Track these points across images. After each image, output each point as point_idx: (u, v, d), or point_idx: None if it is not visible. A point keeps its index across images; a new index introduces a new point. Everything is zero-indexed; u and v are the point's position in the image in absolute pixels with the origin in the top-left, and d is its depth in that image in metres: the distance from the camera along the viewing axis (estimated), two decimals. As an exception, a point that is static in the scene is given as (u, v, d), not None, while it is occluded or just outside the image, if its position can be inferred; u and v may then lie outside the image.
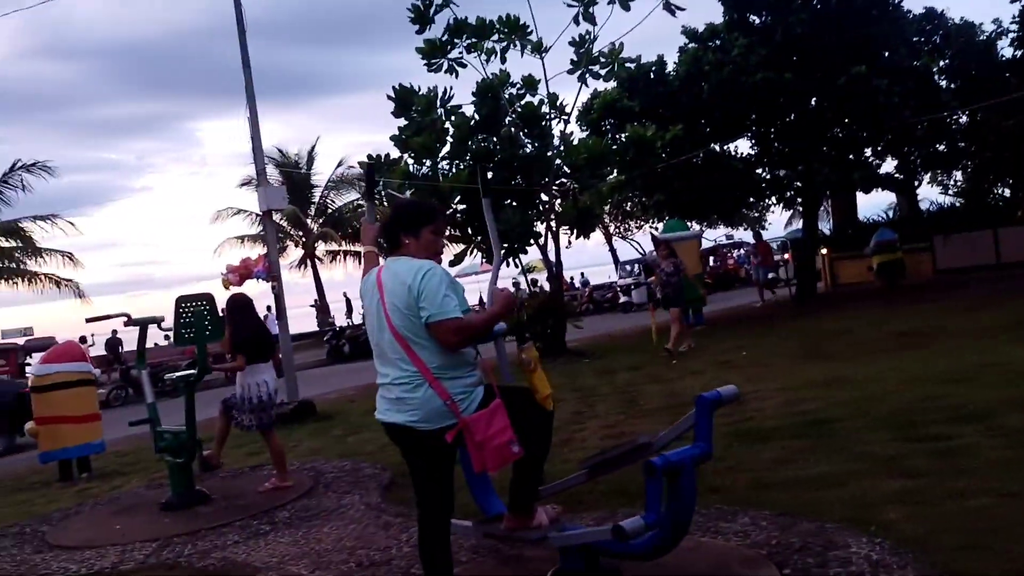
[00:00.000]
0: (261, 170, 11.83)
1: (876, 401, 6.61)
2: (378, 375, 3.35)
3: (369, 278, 3.43)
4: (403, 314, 3.21)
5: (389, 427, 3.30)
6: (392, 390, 3.25)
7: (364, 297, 3.43)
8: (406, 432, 3.24)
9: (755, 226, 31.34)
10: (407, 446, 3.32)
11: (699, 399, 3.27)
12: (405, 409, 3.21)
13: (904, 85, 17.47)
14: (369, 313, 3.36)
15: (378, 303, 3.29)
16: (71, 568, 5.09)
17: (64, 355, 8.91)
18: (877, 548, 3.55)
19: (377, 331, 3.30)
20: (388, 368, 3.27)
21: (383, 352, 3.29)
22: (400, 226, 3.40)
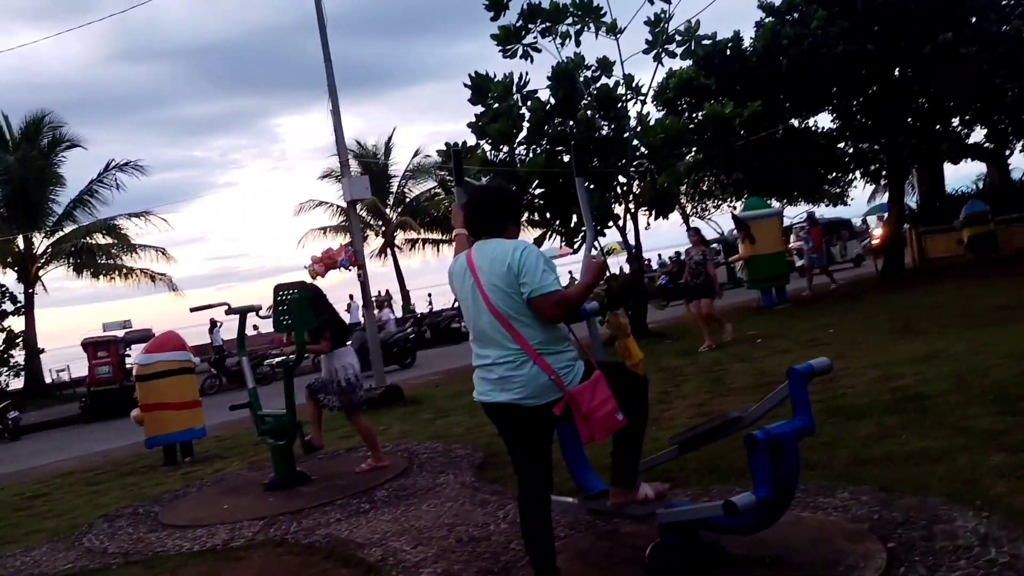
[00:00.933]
0: (345, 161, 12.09)
1: (975, 375, 6.44)
2: (476, 357, 3.42)
3: (458, 262, 3.48)
4: (504, 293, 3.26)
5: (492, 407, 3.37)
6: (495, 370, 3.31)
7: (454, 280, 3.50)
8: (511, 410, 3.30)
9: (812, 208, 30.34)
10: (510, 424, 3.39)
11: (791, 371, 3.27)
12: (511, 387, 3.27)
13: (994, 52, 16.78)
14: (463, 297, 3.43)
15: (473, 286, 3.35)
16: (185, 545, 5.34)
17: (165, 345, 9.30)
18: (984, 522, 3.50)
19: (474, 313, 3.37)
20: (489, 348, 3.34)
21: (483, 333, 3.35)
22: (508, 214, 3.49)
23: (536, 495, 3.38)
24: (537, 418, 3.29)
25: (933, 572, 3.11)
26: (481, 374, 3.41)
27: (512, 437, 3.44)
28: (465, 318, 3.47)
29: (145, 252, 26.88)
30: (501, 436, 3.55)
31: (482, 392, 3.40)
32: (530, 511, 3.38)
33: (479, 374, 3.42)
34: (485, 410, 3.45)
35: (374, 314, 12.42)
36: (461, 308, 3.52)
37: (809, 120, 19.91)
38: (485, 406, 3.41)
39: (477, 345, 3.41)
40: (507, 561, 4.04)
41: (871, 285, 18.35)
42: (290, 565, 4.59)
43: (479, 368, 3.42)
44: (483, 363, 3.38)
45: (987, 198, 21.75)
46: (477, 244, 3.45)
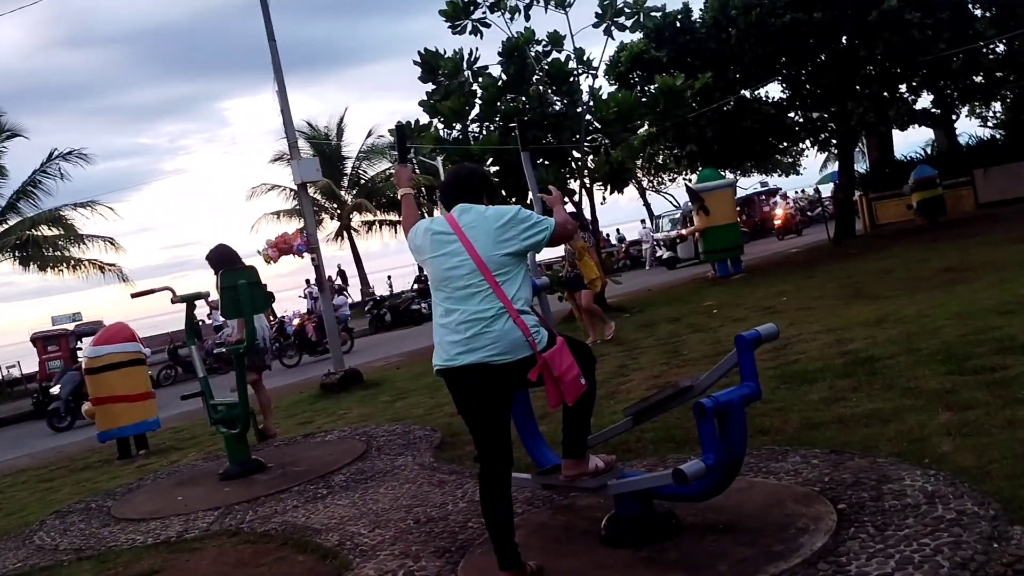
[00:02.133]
0: (293, 143, 11.89)
1: (924, 337, 6.55)
2: (443, 317, 3.36)
3: (434, 222, 3.49)
4: (496, 245, 3.35)
5: (455, 372, 3.32)
6: (466, 328, 3.28)
7: (424, 238, 3.47)
8: (477, 372, 3.28)
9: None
10: (473, 389, 3.34)
11: (739, 338, 3.28)
12: (481, 345, 3.26)
13: (937, 17, 17.01)
14: (437, 253, 3.40)
15: (454, 242, 3.37)
16: (138, 539, 5.25)
17: (115, 336, 9.11)
18: (932, 480, 3.55)
19: (451, 269, 3.35)
20: (465, 304, 3.30)
21: (460, 289, 3.33)
22: (486, 188, 3.68)
23: (498, 470, 3.37)
24: (502, 379, 3.29)
25: (882, 531, 3.15)
26: (448, 336, 3.34)
27: (473, 407, 3.39)
28: (436, 277, 3.42)
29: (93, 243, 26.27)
30: (460, 410, 3.50)
31: (447, 358, 3.33)
32: (492, 487, 3.36)
33: (445, 337, 3.35)
34: (447, 378, 3.39)
35: (331, 298, 12.28)
36: (428, 267, 3.48)
37: (759, 90, 20.04)
38: (448, 372, 3.35)
39: (449, 302, 3.36)
40: (465, 540, 4.02)
41: (824, 252, 18.60)
42: (245, 554, 4.54)
43: (445, 329, 3.35)
44: (453, 321, 3.32)
45: (935, 163, 22.13)
46: (457, 208, 3.50)
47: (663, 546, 3.40)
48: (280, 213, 35.66)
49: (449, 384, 3.42)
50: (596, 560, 3.43)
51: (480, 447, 3.44)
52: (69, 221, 26.14)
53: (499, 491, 3.35)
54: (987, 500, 3.24)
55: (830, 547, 3.10)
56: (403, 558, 3.92)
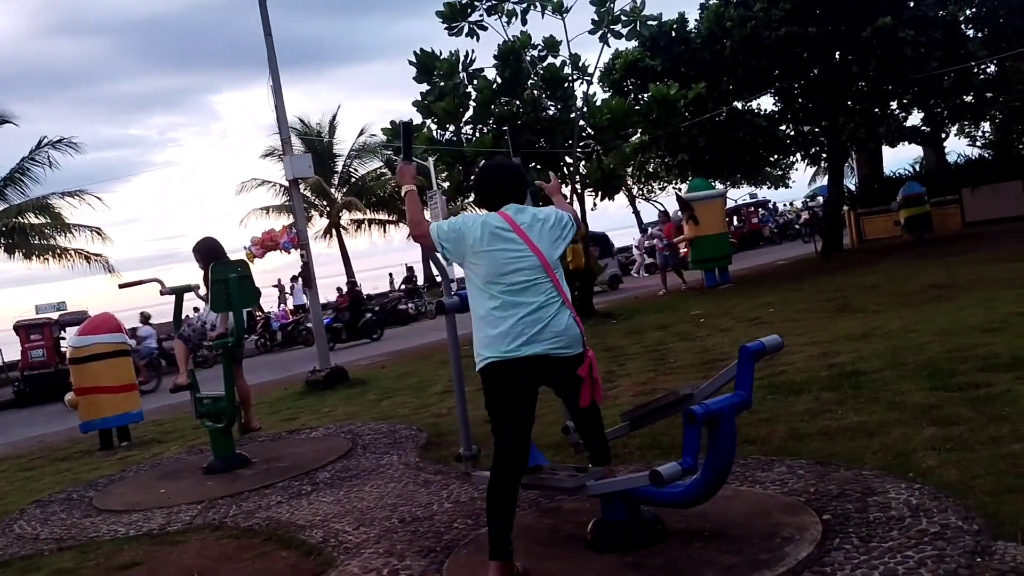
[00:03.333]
0: (286, 139, 11.86)
1: (909, 352, 6.60)
2: (503, 310, 3.37)
3: (492, 220, 3.52)
4: (551, 246, 3.53)
5: (515, 363, 3.34)
6: (532, 322, 3.34)
7: (476, 233, 3.47)
8: (537, 364, 3.35)
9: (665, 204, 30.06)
10: (528, 380, 3.40)
11: (743, 349, 3.30)
12: (546, 338, 3.34)
13: (930, 36, 17.15)
14: (496, 248, 3.44)
15: (515, 239, 3.45)
16: (119, 530, 5.22)
17: (100, 327, 9.06)
18: (916, 493, 3.58)
19: (513, 264, 3.41)
20: (528, 297, 3.38)
21: (524, 282, 3.39)
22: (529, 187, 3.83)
23: (518, 465, 3.43)
24: (558, 372, 3.42)
25: (866, 543, 3.17)
26: (505, 328, 3.35)
27: (520, 399, 3.41)
28: (492, 270, 3.43)
29: (80, 232, 26.09)
30: (503, 403, 3.42)
31: (507, 349, 3.34)
32: (509, 482, 3.38)
33: (500, 328, 3.36)
34: (501, 370, 3.36)
35: (317, 295, 12.26)
36: (483, 261, 3.45)
37: (752, 102, 20.15)
38: (505, 364, 3.35)
39: (508, 295, 3.39)
40: (450, 540, 4.02)
41: (811, 265, 18.71)
42: (228, 548, 4.52)
43: (503, 321, 3.36)
44: (514, 314, 3.35)
45: (923, 180, 22.30)
46: (511, 208, 3.58)
47: (648, 552, 3.41)
48: (269, 209, 35.54)
49: (498, 378, 3.40)
50: (581, 564, 3.44)
51: (506, 442, 3.40)
52: (56, 210, 25.96)
53: (513, 486, 3.40)
54: (971, 515, 3.27)
55: (815, 557, 3.12)
56: (388, 556, 3.91)
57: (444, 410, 7.65)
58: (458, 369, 4.15)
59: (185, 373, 6.85)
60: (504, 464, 3.40)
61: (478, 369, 3.46)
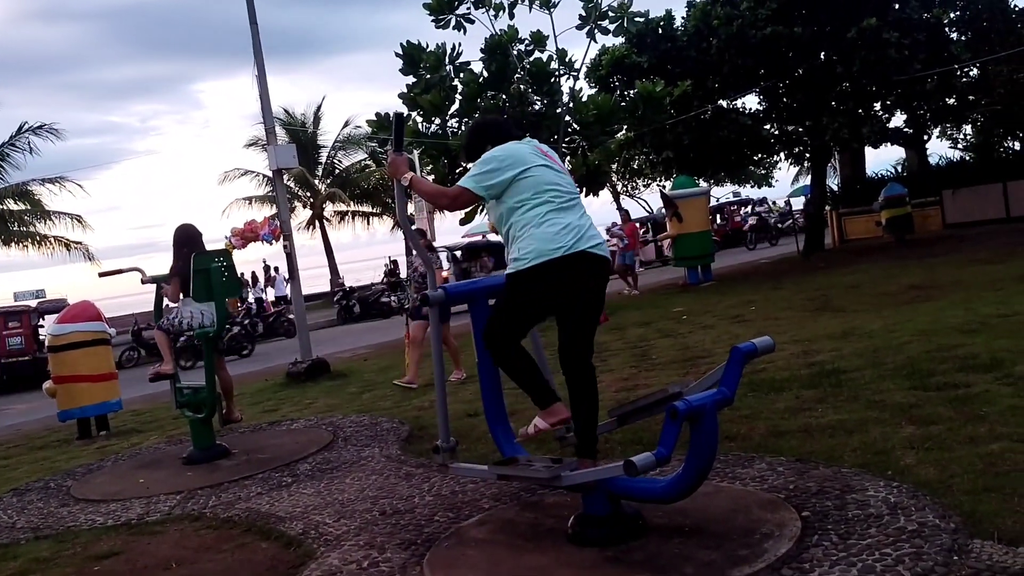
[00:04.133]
0: (271, 128, 11.79)
1: (889, 351, 6.65)
2: (562, 214, 3.62)
3: (525, 143, 3.83)
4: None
5: (586, 258, 3.58)
6: (582, 225, 3.63)
7: (516, 155, 3.71)
8: (588, 260, 3.60)
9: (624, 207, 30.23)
10: (590, 277, 3.63)
11: (734, 350, 3.32)
12: (593, 236, 3.64)
13: (914, 38, 17.28)
14: (542, 164, 3.72)
15: (549, 162, 3.76)
16: (98, 520, 5.19)
17: (80, 315, 8.98)
18: (894, 492, 3.61)
19: (560, 176, 3.75)
20: (577, 207, 3.72)
21: (568, 193, 3.71)
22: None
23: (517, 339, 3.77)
24: (603, 271, 3.72)
25: (845, 540, 3.19)
26: (582, 229, 3.61)
27: (582, 293, 3.63)
28: (543, 181, 3.66)
29: (60, 219, 25.85)
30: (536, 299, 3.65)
31: (563, 244, 3.54)
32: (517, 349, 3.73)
33: (578, 226, 3.60)
34: (554, 267, 3.53)
35: (299, 285, 12.20)
36: (530, 176, 3.67)
37: (737, 101, 20.23)
38: (579, 256, 3.55)
39: (561, 202, 3.65)
40: (431, 533, 4.02)
41: (793, 264, 18.82)
42: (207, 539, 4.50)
43: (564, 219, 3.59)
44: (569, 218, 3.62)
45: (905, 182, 22.48)
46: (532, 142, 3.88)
47: (629, 546, 3.42)
48: (252, 199, 35.35)
49: (556, 270, 3.54)
50: (562, 558, 3.45)
51: (515, 337, 3.74)
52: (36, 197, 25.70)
53: (521, 349, 3.74)
54: (948, 513, 3.30)
55: (794, 553, 3.14)
56: (368, 549, 3.90)
57: (426, 403, 7.64)
58: (439, 360, 4.15)
59: (170, 362, 6.80)
60: (508, 344, 3.71)
61: (532, 264, 3.56)
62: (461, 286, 4.32)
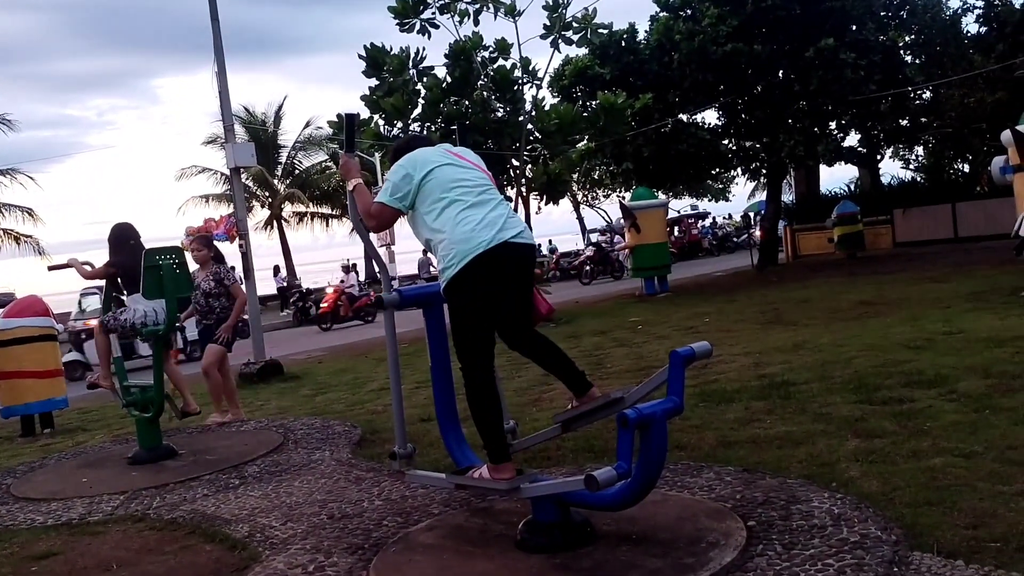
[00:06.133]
0: (229, 126, 11.67)
1: (837, 366, 6.77)
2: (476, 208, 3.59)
3: (434, 151, 3.80)
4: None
5: (515, 247, 3.56)
6: (499, 215, 3.59)
7: (426, 160, 3.70)
8: (514, 252, 3.58)
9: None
10: (504, 271, 3.58)
11: (673, 354, 3.33)
12: (513, 226, 3.60)
13: (870, 59, 17.67)
14: (448, 163, 3.71)
15: (455, 160, 3.75)
16: (37, 519, 5.06)
17: (26, 310, 8.79)
18: (838, 503, 3.67)
19: (465, 172, 3.72)
20: (489, 196, 3.68)
21: (479, 186, 3.68)
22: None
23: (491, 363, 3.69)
24: (523, 268, 3.69)
25: (789, 550, 3.24)
26: (483, 219, 3.55)
27: (499, 289, 3.58)
28: (448, 179, 3.65)
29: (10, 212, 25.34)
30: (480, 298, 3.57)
31: (487, 238, 3.50)
32: (490, 382, 3.65)
33: (492, 218, 3.56)
34: (501, 254, 3.51)
35: (254, 285, 12.07)
36: (437, 175, 3.66)
37: (696, 116, 20.47)
38: (502, 247, 3.51)
39: (472, 196, 3.61)
40: (379, 537, 3.99)
41: (747, 278, 19.07)
42: (150, 540, 4.41)
43: (480, 213, 3.56)
44: (484, 211, 3.58)
45: (858, 200, 22.94)
46: (443, 146, 3.90)
47: (577, 553, 3.43)
48: (209, 197, 34.93)
49: (482, 269, 3.50)
50: (509, 564, 3.45)
51: (483, 341, 3.63)
52: (-15, 187, 25.13)
53: (495, 384, 3.67)
54: (890, 525, 3.36)
55: (738, 563, 3.17)
56: (314, 553, 3.86)
57: (380, 407, 7.60)
58: (395, 365, 4.10)
59: (107, 374, 6.69)
60: (483, 366, 3.61)
61: (459, 269, 3.50)
62: (416, 289, 4.31)
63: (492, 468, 3.61)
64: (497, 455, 3.60)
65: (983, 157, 20.62)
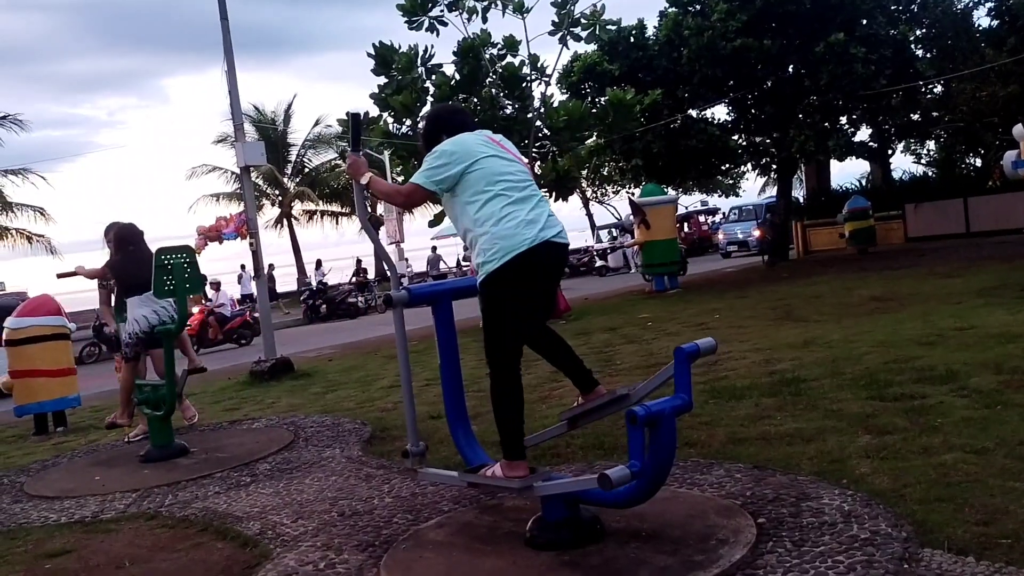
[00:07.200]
0: (239, 125, 11.70)
1: (848, 362, 6.74)
2: (520, 203, 3.58)
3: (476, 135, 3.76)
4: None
5: (554, 247, 3.58)
6: (541, 213, 3.58)
7: (468, 148, 3.66)
8: (554, 251, 3.59)
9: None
10: (555, 266, 3.66)
11: (677, 351, 3.33)
12: (554, 224, 3.60)
13: (880, 53, 17.58)
14: (491, 155, 3.67)
15: (500, 151, 3.70)
16: (51, 517, 5.10)
17: (38, 309, 8.83)
18: (849, 500, 3.66)
19: (509, 165, 3.68)
20: (531, 193, 3.65)
21: (521, 182, 3.66)
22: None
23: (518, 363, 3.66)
24: (559, 266, 3.73)
25: (799, 547, 3.23)
26: (540, 217, 3.56)
27: (543, 287, 3.65)
28: (494, 172, 3.62)
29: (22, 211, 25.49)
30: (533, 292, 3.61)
31: (542, 233, 3.52)
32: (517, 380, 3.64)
33: (535, 216, 3.55)
34: (540, 252, 3.51)
35: (265, 284, 12.11)
36: (480, 167, 3.62)
37: (706, 111, 20.43)
38: (544, 246, 3.51)
39: (516, 191, 3.60)
40: (389, 535, 4.00)
41: (757, 274, 19.02)
42: (162, 538, 4.44)
43: (524, 209, 3.55)
44: (528, 206, 3.58)
45: (869, 195, 22.86)
46: (485, 132, 3.83)
47: (586, 551, 3.44)
48: (220, 196, 35.05)
49: (525, 264, 3.49)
50: (519, 561, 3.45)
51: (517, 342, 3.63)
52: (-2, 187, 25.30)
53: (519, 386, 3.64)
54: (900, 522, 3.35)
55: (748, 560, 3.17)
56: (325, 550, 3.88)
57: (390, 404, 7.62)
58: (406, 363, 4.11)
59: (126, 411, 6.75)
60: (512, 365, 3.61)
61: (500, 264, 3.49)
62: (425, 287, 4.32)
63: (506, 466, 3.61)
64: (513, 452, 3.59)
65: (995, 151, 20.52)
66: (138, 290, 6.46)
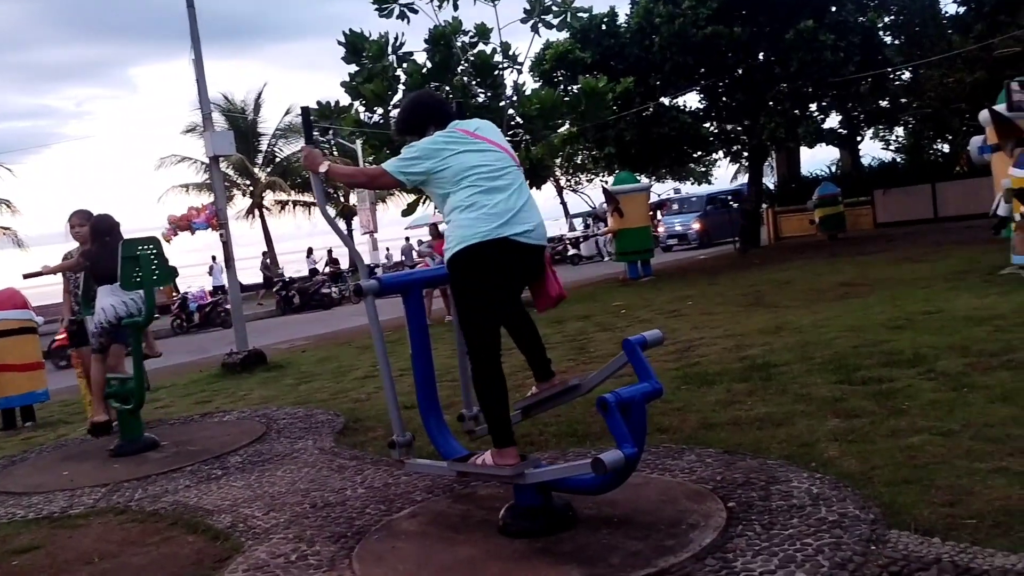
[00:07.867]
0: (207, 114, 11.55)
1: (817, 347, 6.81)
2: (489, 194, 3.53)
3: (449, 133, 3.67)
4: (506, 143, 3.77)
5: (525, 248, 3.56)
6: (532, 213, 3.59)
7: (447, 143, 3.62)
8: (535, 253, 3.64)
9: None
10: (513, 265, 3.60)
11: (625, 342, 3.40)
12: (540, 232, 3.62)
13: (849, 40, 17.71)
14: (472, 149, 3.62)
15: (474, 140, 3.63)
16: (18, 513, 5.04)
17: (5, 303, 8.70)
18: (817, 483, 3.70)
19: (484, 154, 3.62)
20: (506, 180, 3.60)
21: (512, 180, 3.63)
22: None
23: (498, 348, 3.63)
24: (530, 264, 3.68)
25: (768, 530, 3.26)
26: (516, 219, 3.52)
27: (505, 280, 3.62)
28: (464, 166, 3.58)
29: (-13, 204, 25.08)
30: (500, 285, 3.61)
31: (501, 230, 3.48)
32: (498, 365, 3.61)
33: (501, 210, 3.51)
34: (510, 251, 3.50)
35: (236, 275, 12.00)
36: (452, 163, 3.58)
37: (678, 99, 20.49)
38: (498, 243, 3.48)
39: (487, 181, 3.55)
40: (362, 525, 3.99)
41: (729, 260, 19.14)
42: (132, 532, 4.40)
43: (503, 206, 3.52)
44: (514, 202, 3.54)
45: (839, 181, 23.06)
46: (461, 123, 3.73)
47: (559, 537, 3.45)
48: (189, 186, 34.64)
49: (477, 257, 3.50)
50: (492, 549, 3.46)
51: (485, 329, 3.59)
52: (-40, 180, 24.85)
53: (499, 370, 3.62)
54: (868, 504, 3.39)
55: (718, 543, 3.19)
56: (297, 542, 3.86)
57: (363, 395, 7.59)
58: (383, 351, 4.00)
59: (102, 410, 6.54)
60: (487, 347, 3.58)
61: (454, 252, 3.53)
62: (395, 276, 4.30)
63: (496, 453, 3.59)
64: (502, 439, 3.59)
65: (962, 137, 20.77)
66: (111, 280, 6.36)
